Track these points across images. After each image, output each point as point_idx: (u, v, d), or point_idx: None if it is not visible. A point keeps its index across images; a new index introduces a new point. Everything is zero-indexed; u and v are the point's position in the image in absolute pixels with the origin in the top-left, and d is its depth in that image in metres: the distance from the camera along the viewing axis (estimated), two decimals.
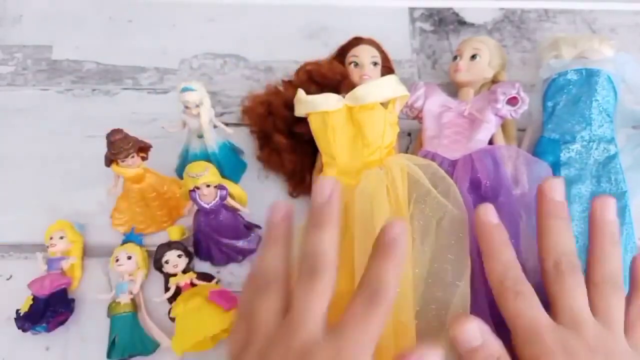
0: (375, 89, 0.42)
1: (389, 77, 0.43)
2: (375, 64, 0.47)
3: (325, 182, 0.31)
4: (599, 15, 0.57)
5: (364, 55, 0.47)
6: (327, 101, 0.42)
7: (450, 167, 0.43)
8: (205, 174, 0.40)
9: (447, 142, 0.44)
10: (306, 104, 0.43)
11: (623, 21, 0.57)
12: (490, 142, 0.45)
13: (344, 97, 0.42)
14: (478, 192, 0.41)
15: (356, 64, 0.47)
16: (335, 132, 0.42)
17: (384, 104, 0.42)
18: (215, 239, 0.43)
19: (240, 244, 0.44)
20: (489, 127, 0.44)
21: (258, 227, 0.46)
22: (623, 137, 0.47)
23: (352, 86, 0.44)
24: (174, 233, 0.44)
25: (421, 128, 0.47)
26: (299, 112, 0.44)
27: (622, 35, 0.56)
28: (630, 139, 0.48)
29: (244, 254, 0.45)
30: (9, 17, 0.58)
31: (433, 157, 0.44)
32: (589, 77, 0.45)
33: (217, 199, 0.42)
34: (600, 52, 0.47)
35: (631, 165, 0.45)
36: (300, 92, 0.44)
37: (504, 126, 0.47)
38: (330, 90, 0.44)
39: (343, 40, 0.49)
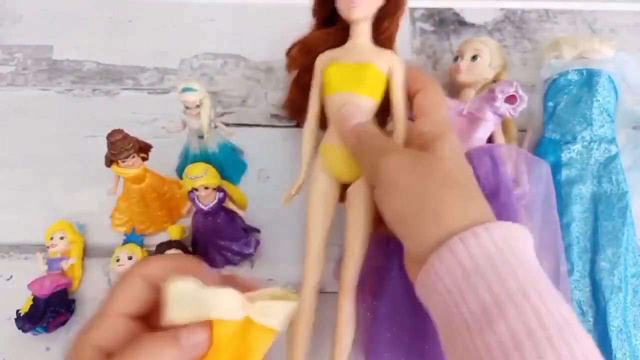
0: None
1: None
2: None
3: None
4: (600, 16, 0.57)
5: None
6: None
7: None
8: (204, 176, 0.40)
9: None
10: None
11: (623, 21, 0.57)
12: (491, 142, 0.45)
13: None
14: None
15: None
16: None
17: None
18: (212, 240, 0.43)
19: (237, 246, 0.44)
20: (488, 124, 0.44)
21: (257, 230, 0.46)
22: (623, 137, 0.47)
23: None
24: (174, 232, 0.44)
25: None
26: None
27: (622, 35, 0.56)
28: (630, 139, 0.48)
29: (240, 256, 0.45)
30: (9, 17, 0.58)
31: None
32: (589, 77, 0.45)
33: (216, 200, 0.42)
34: (601, 52, 0.46)
35: (631, 166, 0.45)
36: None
37: (504, 126, 0.47)
38: None
39: None
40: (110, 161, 0.42)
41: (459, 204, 0.30)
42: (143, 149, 0.42)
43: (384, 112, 0.40)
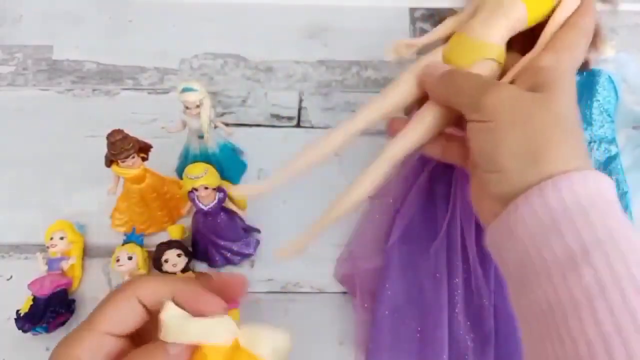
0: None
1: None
2: None
3: None
4: (600, 16, 0.57)
5: None
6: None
7: (449, 166, 0.43)
8: (204, 176, 0.40)
9: None
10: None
11: (624, 21, 0.57)
12: None
13: None
14: None
15: None
16: None
17: None
18: (212, 240, 0.43)
19: (237, 246, 0.44)
20: None
21: (257, 230, 0.46)
22: (623, 137, 0.47)
23: None
24: (174, 232, 0.44)
25: None
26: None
27: (622, 35, 0.56)
28: (630, 139, 0.48)
29: (240, 256, 0.45)
30: (9, 17, 0.58)
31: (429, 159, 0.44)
32: (589, 77, 0.45)
33: (216, 201, 0.42)
34: (601, 52, 0.46)
35: (631, 166, 0.45)
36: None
37: None
38: None
39: (343, 40, 0.49)
40: (110, 161, 0.42)
41: (564, 148, 0.28)
42: (143, 149, 0.42)
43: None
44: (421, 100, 0.35)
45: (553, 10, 0.34)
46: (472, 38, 0.35)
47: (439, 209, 0.41)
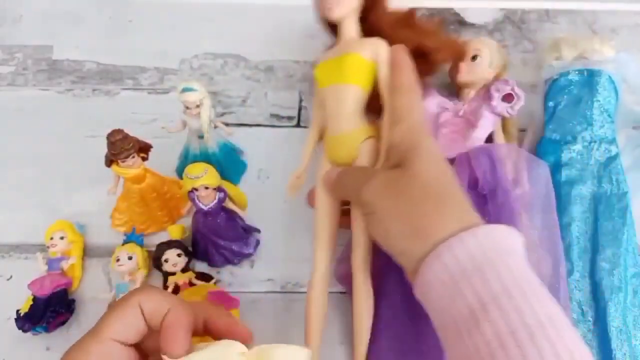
0: None
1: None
2: None
3: None
4: (600, 16, 0.57)
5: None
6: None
7: None
8: (204, 176, 0.40)
9: (443, 141, 0.44)
10: None
11: (624, 21, 0.57)
12: (490, 142, 0.45)
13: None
14: (475, 190, 0.41)
15: None
16: None
17: None
18: (212, 240, 0.43)
19: (237, 246, 0.44)
20: (486, 125, 0.44)
21: (257, 230, 0.46)
22: (623, 137, 0.47)
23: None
24: (174, 232, 0.44)
25: None
26: None
27: (623, 35, 0.56)
28: (630, 139, 0.48)
29: (240, 256, 0.45)
30: (9, 17, 0.58)
31: None
32: (590, 77, 0.45)
33: (216, 200, 0.42)
34: (601, 52, 0.46)
35: (631, 166, 0.45)
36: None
37: (504, 126, 0.47)
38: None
39: None
40: (110, 161, 0.42)
41: (438, 216, 0.31)
42: (143, 149, 0.42)
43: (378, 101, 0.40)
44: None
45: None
46: (336, 136, 0.40)
47: None
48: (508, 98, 0.44)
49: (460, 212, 0.31)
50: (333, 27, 0.43)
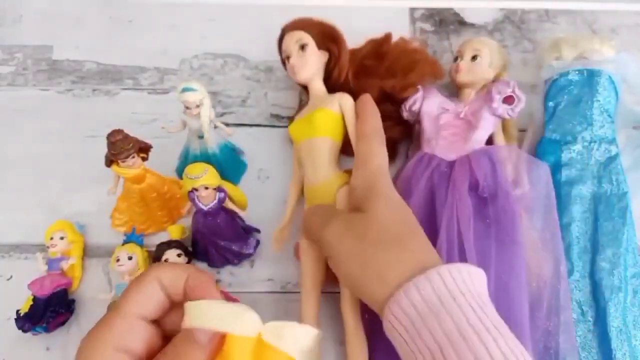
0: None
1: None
2: (302, 46, 0.45)
3: None
4: (600, 16, 0.57)
5: (288, 45, 0.46)
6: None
7: (448, 168, 0.43)
8: (204, 176, 0.40)
9: (444, 143, 0.44)
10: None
11: (624, 21, 0.57)
12: (490, 142, 0.45)
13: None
14: (476, 193, 0.41)
15: (288, 58, 0.46)
16: None
17: None
18: (212, 240, 0.43)
19: (237, 246, 0.44)
20: (486, 126, 0.44)
21: (257, 230, 0.46)
22: (623, 137, 0.47)
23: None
24: (174, 232, 0.44)
25: (419, 130, 0.47)
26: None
27: (622, 35, 0.56)
28: (630, 139, 0.48)
29: (240, 257, 0.45)
30: (9, 17, 0.58)
31: (430, 158, 0.44)
32: (590, 77, 0.45)
33: (216, 201, 0.42)
34: (601, 52, 0.46)
35: (631, 166, 0.45)
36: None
37: (504, 126, 0.47)
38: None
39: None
40: (110, 161, 0.42)
41: (396, 261, 0.31)
42: (143, 149, 0.42)
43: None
44: None
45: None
46: (314, 186, 0.42)
47: (438, 213, 0.41)
48: (509, 100, 0.44)
49: (418, 254, 0.32)
50: (306, 87, 0.47)
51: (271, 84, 0.54)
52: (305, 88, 0.47)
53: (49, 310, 0.41)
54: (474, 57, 0.47)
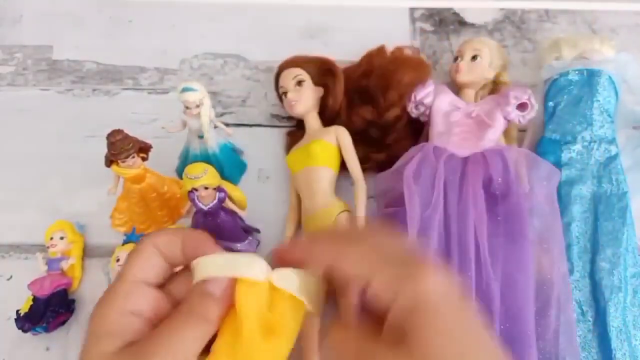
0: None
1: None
2: (299, 82, 0.47)
3: None
4: (600, 16, 0.57)
5: (285, 81, 0.48)
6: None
7: (460, 163, 0.43)
8: (204, 176, 0.40)
9: (456, 139, 0.44)
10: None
11: (624, 21, 0.57)
12: None
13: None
14: (488, 190, 0.41)
15: (285, 93, 0.48)
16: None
17: None
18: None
19: (238, 246, 0.44)
20: (498, 127, 0.44)
21: (257, 230, 0.46)
22: (623, 137, 0.47)
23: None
24: None
25: (428, 123, 0.47)
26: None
27: (622, 35, 0.56)
28: (630, 139, 0.48)
29: None
30: (9, 17, 0.58)
31: (442, 151, 0.44)
32: (590, 77, 0.45)
33: (216, 200, 0.42)
34: (601, 52, 0.46)
35: (631, 166, 0.45)
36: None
37: (506, 128, 0.47)
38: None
39: (343, 40, 0.49)
40: (110, 161, 0.42)
41: None
42: (143, 149, 0.42)
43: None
44: None
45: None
46: (313, 215, 0.43)
47: (449, 205, 0.41)
48: (522, 106, 0.44)
49: None
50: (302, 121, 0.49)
51: (271, 84, 0.54)
52: (301, 121, 0.49)
53: (49, 310, 0.41)
54: (474, 57, 0.47)
